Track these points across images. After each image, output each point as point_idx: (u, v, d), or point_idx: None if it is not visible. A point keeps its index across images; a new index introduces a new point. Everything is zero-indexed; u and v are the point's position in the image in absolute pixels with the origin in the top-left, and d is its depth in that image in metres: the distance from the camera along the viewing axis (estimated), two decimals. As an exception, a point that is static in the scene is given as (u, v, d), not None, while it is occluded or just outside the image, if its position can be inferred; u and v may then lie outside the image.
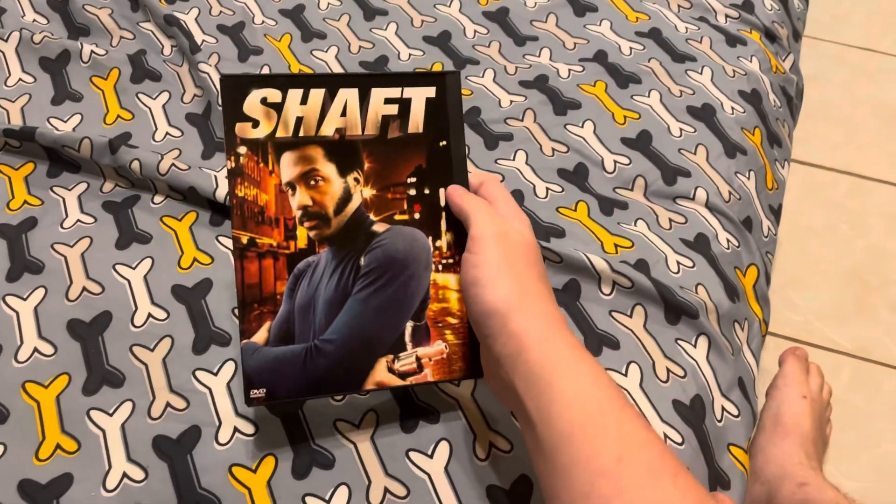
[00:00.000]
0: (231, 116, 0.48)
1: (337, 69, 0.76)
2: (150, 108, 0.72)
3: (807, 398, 0.79)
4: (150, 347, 0.56)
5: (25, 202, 0.65)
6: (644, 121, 0.74)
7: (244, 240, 0.48)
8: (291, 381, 0.48)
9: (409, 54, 0.78)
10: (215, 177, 0.64)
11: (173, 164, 0.64)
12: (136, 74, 0.74)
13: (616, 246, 0.64)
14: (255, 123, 0.48)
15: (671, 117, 0.74)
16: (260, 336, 0.48)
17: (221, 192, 0.63)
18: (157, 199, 0.65)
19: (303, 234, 0.48)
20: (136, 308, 0.58)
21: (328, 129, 0.49)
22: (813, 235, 1.11)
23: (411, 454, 0.51)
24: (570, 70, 0.77)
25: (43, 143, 0.66)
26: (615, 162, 0.71)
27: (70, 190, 0.66)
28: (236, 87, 0.48)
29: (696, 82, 0.77)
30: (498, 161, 0.70)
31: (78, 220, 0.64)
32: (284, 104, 0.48)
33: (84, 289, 0.59)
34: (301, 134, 0.49)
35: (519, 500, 0.50)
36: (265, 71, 0.75)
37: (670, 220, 0.67)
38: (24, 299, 0.58)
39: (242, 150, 0.48)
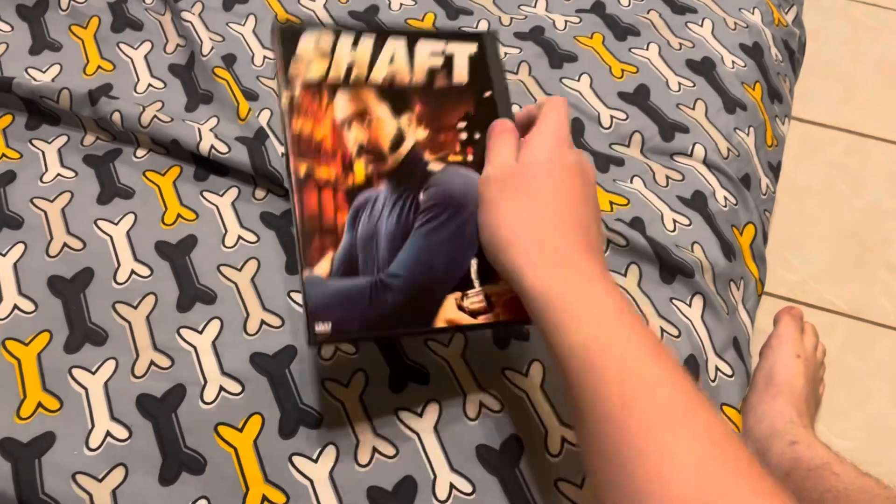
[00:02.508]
0: (285, 58, 0.48)
1: (325, 19, 0.73)
2: (131, 59, 0.70)
3: (800, 357, 0.78)
4: (133, 305, 0.55)
5: (4, 155, 0.63)
6: (642, 74, 0.72)
7: (302, 171, 0.47)
8: (358, 316, 0.45)
9: (401, 4, 0.75)
10: (199, 129, 0.62)
11: (155, 116, 0.62)
12: (116, 23, 0.71)
13: (612, 203, 0.62)
14: (308, 65, 0.49)
15: (670, 71, 0.72)
16: (322, 268, 0.45)
17: (205, 144, 0.61)
18: (140, 152, 0.63)
19: (360, 170, 0.48)
20: (119, 265, 0.56)
21: (378, 76, 0.50)
22: (810, 194, 1.10)
23: (401, 414, 0.50)
24: (566, 21, 0.75)
25: (20, 93, 0.64)
26: (612, 117, 0.69)
27: (50, 143, 0.64)
28: (290, 32, 0.49)
29: (697, 35, 0.75)
30: (491, 115, 0.68)
31: (58, 174, 0.62)
32: (336, 49, 0.49)
33: (65, 245, 0.57)
34: (352, 78, 0.49)
35: (509, 460, 0.49)
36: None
37: (667, 177, 0.66)
38: (4, 255, 0.57)
39: (297, 89, 0.48)
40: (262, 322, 0.54)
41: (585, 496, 0.48)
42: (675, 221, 0.62)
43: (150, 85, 0.68)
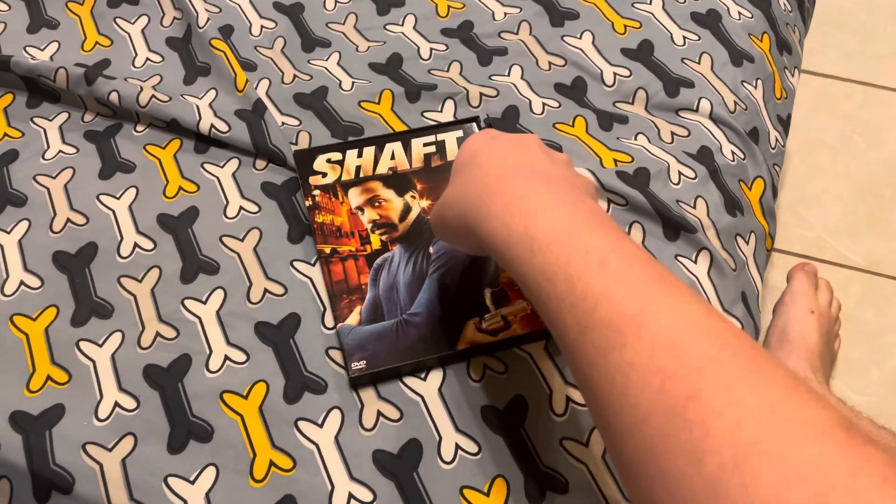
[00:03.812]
0: (305, 173, 0.58)
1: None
2: (128, 34, 0.69)
3: (814, 313, 0.77)
4: (137, 278, 0.55)
5: (6, 134, 0.63)
6: (645, 30, 0.70)
7: (327, 251, 0.55)
8: (387, 351, 0.50)
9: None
10: (197, 107, 0.62)
11: (153, 96, 0.62)
12: (112, -2, 0.71)
13: (616, 161, 0.61)
14: (324, 174, 0.59)
15: (674, 25, 0.70)
16: (352, 319, 0.52)
17: (205, 123, 0.61)
18: (140, 127, 0.63)
19: (376, 240, 0.56)
20: (122, 238, 0.57)
21: (382, 170, 0.59)
22: (825, 149, 1.08)
23: (405, 378, 0.51)
24: (567, -22, 0.73)
25: (18, 72, 0.64)
26: (615, 74, 0.68)
27: (51, 120, 0.64)
28: (307, 155, 0.59)
29: (701, -13, 0.73)
30: (492, 77, 0.67)
31: (60, 151, 0.62)
32: (345, 159, 0.59)
33: (68, 220, 0.58)
34: (361, 175, 0.59)
35: (514, 420, 0.49)
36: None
37: (672, 134, 0.65)
38: (8, 232, 0.57)
39: (317, 193, 0.58)
40: (266, 291, 0.54)
41: (591, 454, 0.48)
42: (680, 174, 0.61)
43: (147, 59, 0.68)
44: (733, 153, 0.65)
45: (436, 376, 0.51)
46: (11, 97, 0.65)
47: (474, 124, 0.62)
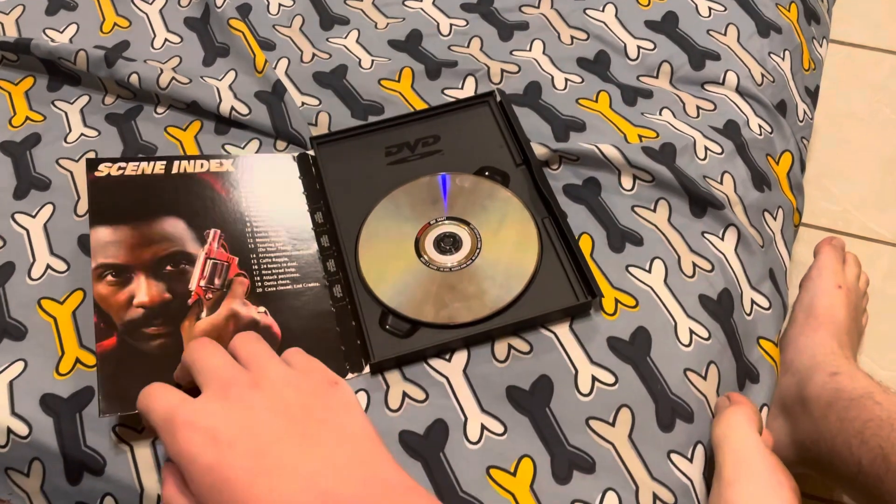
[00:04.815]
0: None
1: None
2: (146, 14, 0.69)
3: (842, 288, 0.76)
4: (162, 260, 0.55)
5: (28, 118, 0.63)
6: (670, 1, 0.69)
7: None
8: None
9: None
10: (217, 89, 0.62)
11: (173, 78, 0.62)
12: (130, -22, 0.71)
13: (640, 137, 0.60)
14: None
15: (699, -4, 0.69)
16: None
17: (225, 106, 0.61)
18: (160, 109, 0.63)
19: None
20: (146, 221, 0.57)
21: None
22: (853, 121, 1.05)
23: (430, 360, 0.50)
24: (588, -51, 0.72)
25: (38, 54, 0.64)
26: (639, 48, 0.67)
27: (72, 104, 0.64)
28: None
29: (727, -44, 0.71)
30: (513, 52, 0.66)
31: (81, 135, 0.62)
32: None
33: (92, 204, 0.58)
34: None
35: (540, 400, 0.49)
36: None
37: (698, 108, 0.63)
38: (33, 217, 0.57)
39: None
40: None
41: (617, 434, 0.48)
42: (706, 149, 0.60)
43: (166, 40, 0.67)
44: (760, 127, 0.63)
45: (460, 357, 0.50)
46: (32, 80, 0.65)
47: (490, 100, 0.61)
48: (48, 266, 0.55)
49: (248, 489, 0.36)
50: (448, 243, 0.54)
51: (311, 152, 0.59)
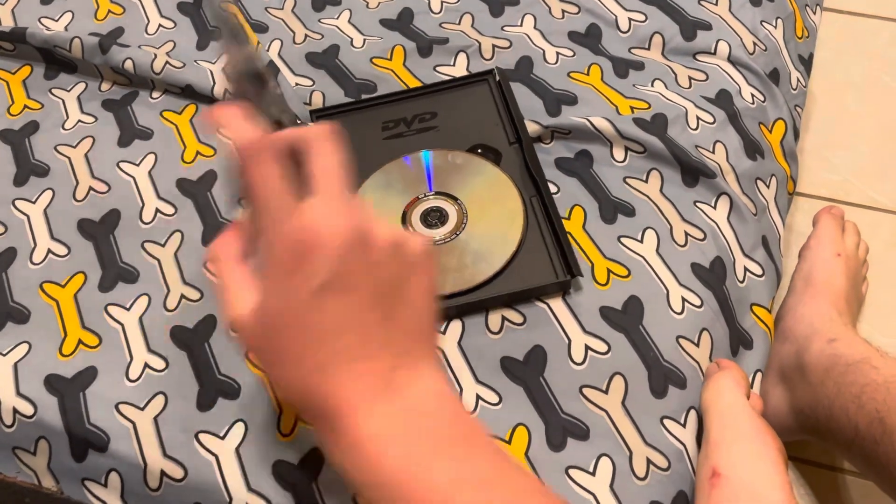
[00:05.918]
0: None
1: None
2: (140, 0, 0.70)
3: (841, 256, 0.76)
4: (161, 243, 0.56)
5: (26, 106, 0.64)
6: (660, -28, 0.69)
7: None
8: None
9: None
10: (210, 72, 0.62)
11: (167, 63, 0.62)
12: (122, -35, 0.71)
13: (632, 108, 0.61)
14: None
15: (690, -34, 0.69)
16: None
17: (219, 88, 0.61)
18: (156, 94, 0.64)
19: None
20: (144, 204, 0.58)
21: None
22: (851, 90, 1.05)
23: (425, 331, 0.51)
24: (578, -78, 0.71)
25: (34, 43, 0.65)
26: (630, 20, 0.67)
27: (69, 91, 0.65)
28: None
29: (717, -75, 0.71)
30: (504, 28, 0.67)
31: (79, 121, 0.63)
32: None
33: (91, 188, 0.59)
34: None
35: (534, 370, 0.49)
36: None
37: (690, 78, 0.63)
38: (34, 202, 0.58)
39: None
40: (285, 251, 0.55)
41: (611, 401, 0.49)
42: (698, 119, 0.60)
43: (160, 25, 0.68)
44: (753, 96, 0.63)
45: (455, 329, 0.51)
46: (29, 69, 0.66)
47: (488, 80, 0.62)
48: (49, 251, 0.56)
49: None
50: (434, 217, 0.55)
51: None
